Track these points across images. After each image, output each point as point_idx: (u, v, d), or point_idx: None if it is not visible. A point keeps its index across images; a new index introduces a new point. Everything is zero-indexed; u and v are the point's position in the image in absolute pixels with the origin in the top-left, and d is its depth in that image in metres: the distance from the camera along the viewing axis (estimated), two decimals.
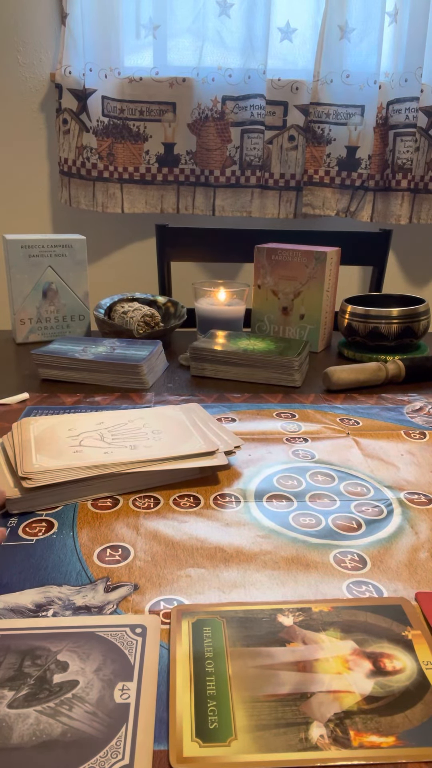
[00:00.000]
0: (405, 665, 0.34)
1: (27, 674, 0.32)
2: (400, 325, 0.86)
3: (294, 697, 0.31)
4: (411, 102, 1.66)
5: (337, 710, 0.31)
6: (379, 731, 0.30)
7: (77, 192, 1.74)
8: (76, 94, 1.67)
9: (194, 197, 1.77)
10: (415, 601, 0.39)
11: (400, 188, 1.72)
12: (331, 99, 1.68)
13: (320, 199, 1.75)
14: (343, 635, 0.35)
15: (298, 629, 0.36)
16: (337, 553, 0.44)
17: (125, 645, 0.34)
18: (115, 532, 0.45)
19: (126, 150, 1.72)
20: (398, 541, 0.45)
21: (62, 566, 0.42)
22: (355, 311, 0.89)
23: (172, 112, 1.71)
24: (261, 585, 0.40)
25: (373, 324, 0.87)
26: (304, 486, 0.53)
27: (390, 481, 0.54)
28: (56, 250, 0.98)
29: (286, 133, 1.74)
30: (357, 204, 1.75)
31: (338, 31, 1.64)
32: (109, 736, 0.29)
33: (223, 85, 1.68)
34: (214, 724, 0.30)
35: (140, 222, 1.84)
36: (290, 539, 0.45)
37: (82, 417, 0.61)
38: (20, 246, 0.95)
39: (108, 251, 1.89)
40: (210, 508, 0.49)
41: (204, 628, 0.36)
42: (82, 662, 0.33)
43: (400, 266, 1.93)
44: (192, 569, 0.42)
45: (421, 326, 0.88)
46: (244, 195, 1.75)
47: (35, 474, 0.48)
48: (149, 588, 0.40)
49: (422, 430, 0.64)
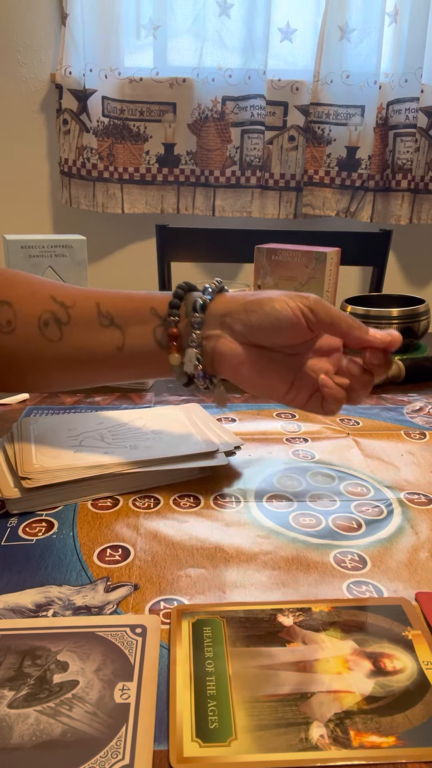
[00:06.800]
0: (405, 665, 0.34)
1: (27, 674, 0.32)
2: (400, 325, 0.86)
3: (294, 697, 0.31)
4: (411, 102, 1.66)
5: (338, 710, 0.31)
6: (379, 731, 0.30)
7: (77, 192, 1.75)
8: (77, 95, 1.67)
9: (194, 197, 1.77)
10: (415, 601, 0.39)
11: (400, 188, 1.72)
12: (331, 99, 1.68)
13: (320, 200, 1.75)
14: (343, 635, 0.35)
15: (298, 629, 0.36)
16: (337, 553, 0.44)
17: (125, 645, 0.34)
18: (115, 532, 0.45)
19: (126, 150, 1.72)
20: (398, 541, 0.45)
21: (62, 566, 0.42)
22: (355, 311, 0.89)
23: (172, 112, 1.71)
24: (261, 585, 0.40)
25: (373, 324, 0.86)
26: (304, 486, 0.53)
27: (390, 481, 0.54)
28: (56, 250, 0.98)
29: (286, 133, 1.74)
30: (357, 204, 1.75)
31: (338, 31, 1.64)
32: (109, 736, 0.29)
33: (223, 85, 1.68)
34: (214, 724, 0.30)
35: (140, 222, 1.84)
36: (290, 539, 0.45)
37: (82, 417, 0.61)
38: (20, 246, 0.95)
39: (108, 251, 1.89)
40: (210, 508, 0.49)
41: (204, 628, 0.36)
42: (82, 662, 0.33)
43: (400, 266, 1.93)
44: (192, 569, 0.42)
45: (421, 326, 0.88)
46: (244, 195, 1.75)
47: (35, 474, 0.48)
48: (149, 588, 0.40)
49: (422, 430, 0.64)
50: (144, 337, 0.49)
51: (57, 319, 0.49)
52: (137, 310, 0.49)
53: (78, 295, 0.51)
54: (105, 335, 0.49)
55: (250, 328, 0.46)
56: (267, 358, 0.48)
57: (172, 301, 0.48)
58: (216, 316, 0.47)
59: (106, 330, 0.49)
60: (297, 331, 0.46)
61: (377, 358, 0.46)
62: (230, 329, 0.47)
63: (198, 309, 0.47)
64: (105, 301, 0.50)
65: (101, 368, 0.51)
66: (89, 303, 0.50)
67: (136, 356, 0.49)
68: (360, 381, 0.47)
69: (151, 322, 0.48)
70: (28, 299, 0.51)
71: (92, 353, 0.49)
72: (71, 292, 0.51)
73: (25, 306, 0.50)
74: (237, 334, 0.47)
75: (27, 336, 0.50)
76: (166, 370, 0.49)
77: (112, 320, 0.49)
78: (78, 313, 0.49)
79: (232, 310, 0.47)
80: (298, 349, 0.48)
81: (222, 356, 0.47)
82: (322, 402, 0.48)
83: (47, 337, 0.49)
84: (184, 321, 0.48)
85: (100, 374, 0.52)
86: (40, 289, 0.51)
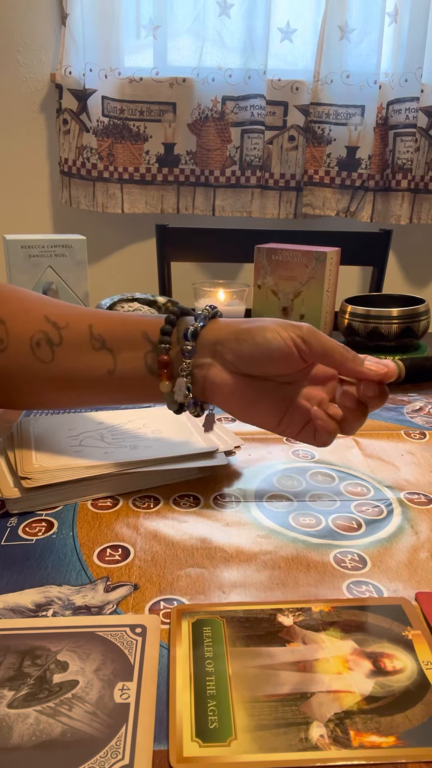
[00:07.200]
0: (405, 665, 0.34)
1: (27, 674, 0.32)
2: (400, 325, 0.86)
3: (294, 697, 0.31)
4: (411, 102, 1.66)
5: (338, 710, 0.31)
6: (379, 731, 0.30)
7: (77, 192, 1.75)
8: (77, 95, 1.67)
9: (194, 197, 1.77)
10: (415, 601, 0.39)
11: (400, 188, 1.72)
12: (331, 99, 1.68)
13: (320, 199, 1.75)
14: (343, 635, 0.35)
15: (298, 629, 0.36)
16: (337, 553, 0.44)
17: (125, 645, 0.34)
18: (115, 532, 0.45)
19: (126, 150, 1.72)
20: (398, 541, 0.45)
21: (62, 566, 0.42)
22: (355, 311, 0.89)
23: (172, 112, 1.71)
24: (261, 585, 0.40)
25: (373, 324, 0.87)
26: (304, 486, 0.53)
27: (390, 481, 0.54)
28: (56, 250, 0.98)
29: (286, 133, 1.74)
30: (357, 204, 1.75)
31: (338, 31, 1.64)
32: (109, 736, 0.29)
33: (223, 85, 1.68)
34: (214, 724, 0.30)
35: (140, 222, 1.84)
36: (290, 539, 0.45)
37: (82, 417, 0.61)
38: (20, 246, 0.95)
39: (108, 251, 1.89)
40: (210, 508, 0.49)
41: (204, 628, 0.36)
42: (81, 662, 0.33)
43: (400, 266, 1.93)
44: (192, 569, 0.42)
45: (421, 326, 0.88)
46: (244, 195, 1.75)
47: (35, 474, 0.48)
48: (149, 588, 0.40)
49: (422, 430, 0.64)
50: (135, 363, 0.48)
51: (49, 340, 0.49)
52: (129, 333, 0.48)
53: (71, 315, 0.50)
54: (96, 359, 0.49)
55: (241, 357, 0.45)
56: (259, 387, 0.47)
57: (163, 327, 0.47)
58: (207, 344, 0.47)
59: (98, 353, 0.49)
60: (289, 362, 0.45)
61: (372, 390, 0.45)
62: (221, 358, 0.46)
63: (189, 337, 0.46)
64: (97, 323, 0.49)
65: (92, 391, 0.50)
66: (82, 325, 0.49)
67: (126, 381, 0.49)
68: (354, 413, 0.46)
69: (143, 348, 0.48)
70: (21, 317, 0.50)
71: (83, 376, 0.49)
72: (65, 312, 0.51)
73: (18, 324, 0.50)
74: (228, 363, 0.46)
75: (18, 355, 0.50)
76: (157, 396, 0.49)
77: (104, 343, 0.49)
78: (70, 335, 0.49)
79: (223, 338, 0.46)
80: (292, 378, 0.47)
81: (213, 385, 0.47)
82: (314, 433, 0.47)
83: (39, 358, 0.49)
84: (175, 348, 0.47)
85: (91, 397, 0.51)
86: (35, 308, 0.51)
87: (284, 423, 0.48)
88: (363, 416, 0.46)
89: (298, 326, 0.45)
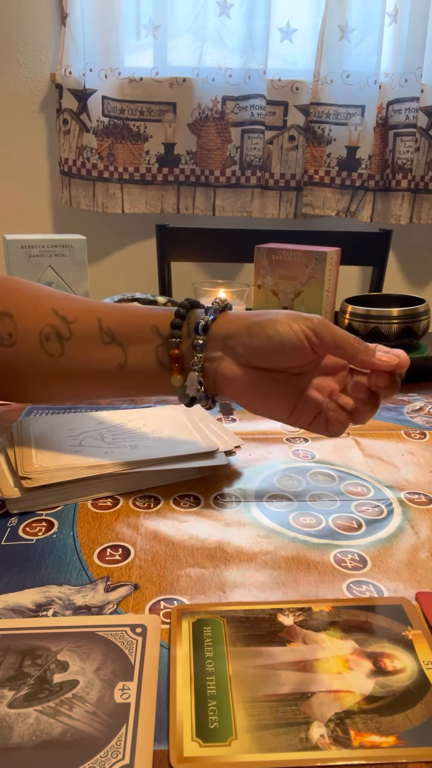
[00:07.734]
0: (405, 665, 0.34)
1: (27, 674, 0.32)
2: (400, 325, 0.86)
3: (294, 697, 0.31)
4: (411, 102, 1.66)
5: (338, 710, 0.31)
6: (379, 731, 0.30)
7: (77, 192, 1.74)
8: (77, 95, 1.67)
9: (194, 197, 1.77)
10: (416, 600, 0.39)
11: (400, 188, 1.72)
12: (331, 99, 1.68)
13: (320, 199, 1.75)
14: (343, 635, 0.35)
15: (298, 629, 0.36)
16: (337, 553, 0.44)
17: (125, 645, 0.34)
18: (115, 532, 0.45)
19: (126, 150, 1.72)
20: (398, 541, 0.45)
21: (62, 566, 0.42)
22: (355, 311, 0.89)
23: (172, 112, 1.71)
24: (261, 585, 0.40)
25: (373, 324, 0.87)
26: (305, 486, 0.53)
27: (390, 481, 0.54)
28: (56, 250, 0.98)
29: (286, 133, 1.74)
30: (357, 204, 1.75)
31: (338, 31, 1.64)
32: (110, 736, 0.29)
33: (223, 85, 1.68)
34: (214, 724, 0.30)
35: (140, 222, 1.84)
36: (290, 539, 0.45)
37: (82, 417, 0.61)
38: (20, 246, 0.95)
39: (108, 251, 1.89)
40: (210, 507, 0.49)
41: (204, 628, 0.36)
42: (82, 662, 0.33)
43: (400, 266, 1.93)
44: (192, 569, 0.42)
45: (421, 326, 0.88)
46: (244, 195, 1.75)
47: (35, 473, 0.48)
48: (149, 588, 0.40)
49: (422, 430, 0.64)
50: (146, 357, 0.48)
51: (58, 334, 0.49)
52: (139, 327, 0.48)
53: (80, 308, 0.50)
54: (107, 352, 0.48)
55: (253, 351, 0.45)
56: (270, 380, 0.47)
57: (173, 320, 0.47)
58: (218, 337, 0.47)
59: (108, 347, 0.48)
60: (301, 354, 0.45)
61: (383, 380, 0.45)
62: (233, 352, 0.46)
63: (200, 330, 0.46)
64: (106, 316, 0.49)
65: (103, 385, 0.50)
66: (91, 318, 0.49)
67: (138, 375, 0.49)
68: (365, 404, 0.46)
69: (153, 342, 0.48)
70: (30, 311, 0.50)
71: (94, 369, 0.49)
72: (73, 305, 0.50)
73: (26, 318, 0.50)
74: (239, 356, 0.46)
75: (28, 349, 0.49)
76: (169, 389, 0.49)
77: (113, 337, 0.48)
78: (79, 329, 0.49)
79: (234, 332, 0.46)
80: (303, 369, 0.47)
81: (224, 378, 0.47)
82: (326, 424, 0.47)
83: (48, 352, 0.49)
84: (186, 342, 0.47)
85: (101, 390, 0.51)
86: (43, 301, 0.51)
87: (296, 414, 0.48)
88: (375, 406, 0.47)
89: (309, 318, 0.45)
